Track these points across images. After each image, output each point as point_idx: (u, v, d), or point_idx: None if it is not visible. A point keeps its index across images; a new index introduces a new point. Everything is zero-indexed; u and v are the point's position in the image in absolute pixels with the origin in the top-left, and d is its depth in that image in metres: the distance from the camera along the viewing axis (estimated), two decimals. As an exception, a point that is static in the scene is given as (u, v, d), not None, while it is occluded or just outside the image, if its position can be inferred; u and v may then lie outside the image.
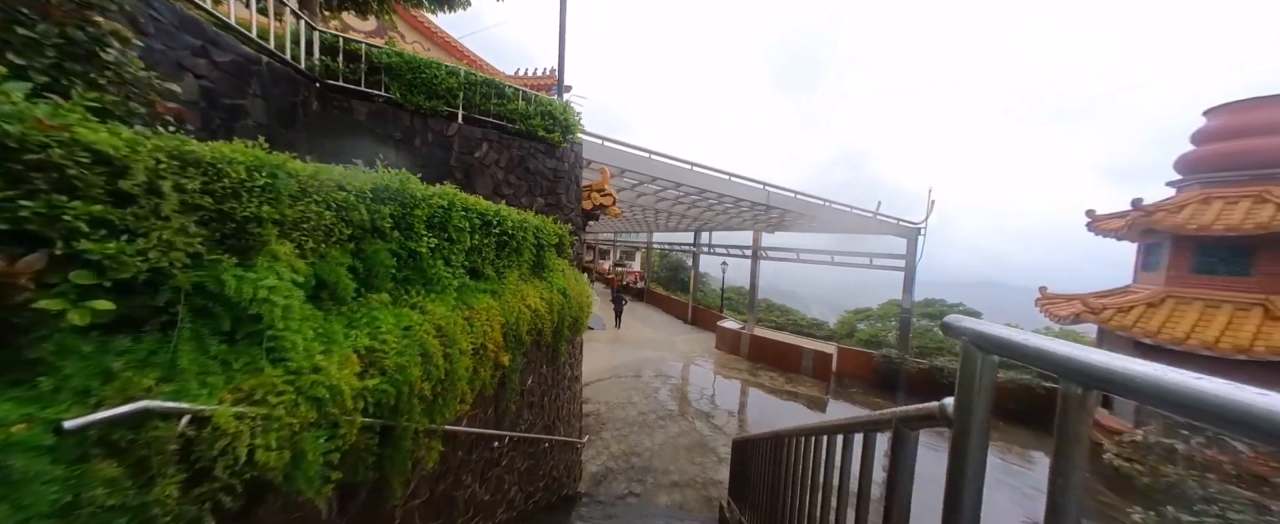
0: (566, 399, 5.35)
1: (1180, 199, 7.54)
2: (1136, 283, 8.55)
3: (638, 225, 24.14)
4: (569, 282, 4.90)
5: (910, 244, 12.02)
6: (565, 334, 4.65)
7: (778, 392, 11.18)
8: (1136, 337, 7.11)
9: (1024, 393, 10.16)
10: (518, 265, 4.02)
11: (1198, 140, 7.77)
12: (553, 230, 4.67)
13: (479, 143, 4.57)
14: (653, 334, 17.43)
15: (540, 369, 4.41)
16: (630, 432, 8.13)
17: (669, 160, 8.25)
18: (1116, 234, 8.72)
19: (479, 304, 3.03)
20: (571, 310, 4.70)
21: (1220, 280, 7.07)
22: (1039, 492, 7.33)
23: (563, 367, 5.11)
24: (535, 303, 3.90)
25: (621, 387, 10.67)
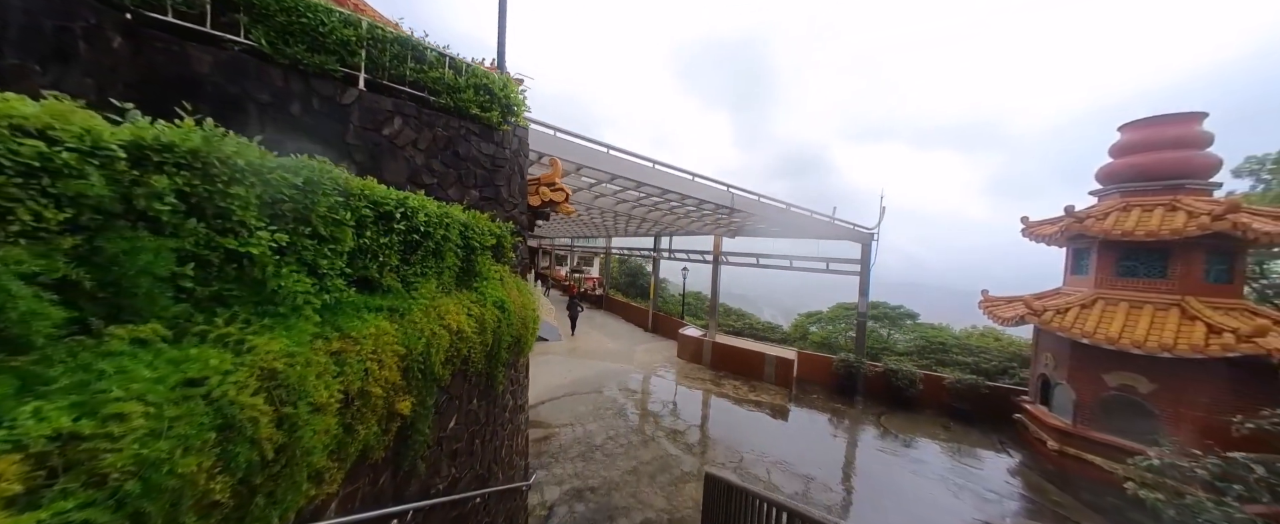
0: (508, 435, 4.40)
1: (1103, 206, 8.10)
2: (1066, 286, 9.12)
3: (596, 230, 23.27)
4: (510, 292, 4.00)
5: (865, 248, 12.27)
6: (503, 358, 3.74)
7: (743, 401, 10.79)
8: (1075, 336, 7.44)
9: (969, 392, 10.55)
10: (436, 273, 3.09)
11: (1114, 153, 8.44)
12: (488, 229, 3.76)
13: (389, 117, 3.57)
14: (612, 344, 16.58)
15: (468, 405, 3.46)
16: (588, 459, 7.23)
17: (629, 157, 7.57)
18: (1047, 239, 9.28)
19: (362, 330, 2.09)
20: (511, 328, 3.80)
21: (1141, 282, 7.62)
22: (996, 493, 7.48)
23: (502, 397, 4.17)
24: (459, 322, 2.98)
25: (578, 405, 9.72)
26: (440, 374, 2.71)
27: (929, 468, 7.84)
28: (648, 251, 21.21)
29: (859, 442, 8.98)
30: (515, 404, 4.62)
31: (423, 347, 2.49)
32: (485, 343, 3.37)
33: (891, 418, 10.39)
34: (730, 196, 9.08)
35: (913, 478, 7.46)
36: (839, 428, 9.65)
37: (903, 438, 9.25)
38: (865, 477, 7.43)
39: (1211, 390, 6.73)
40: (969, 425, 10.14)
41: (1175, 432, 6.95)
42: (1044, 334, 8.95)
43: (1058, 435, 8.07)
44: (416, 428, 2.55)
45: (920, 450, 8.64)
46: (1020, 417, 9.36)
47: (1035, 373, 9.23)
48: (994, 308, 9.80)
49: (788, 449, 8.17)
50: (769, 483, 6.84)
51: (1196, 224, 6.72)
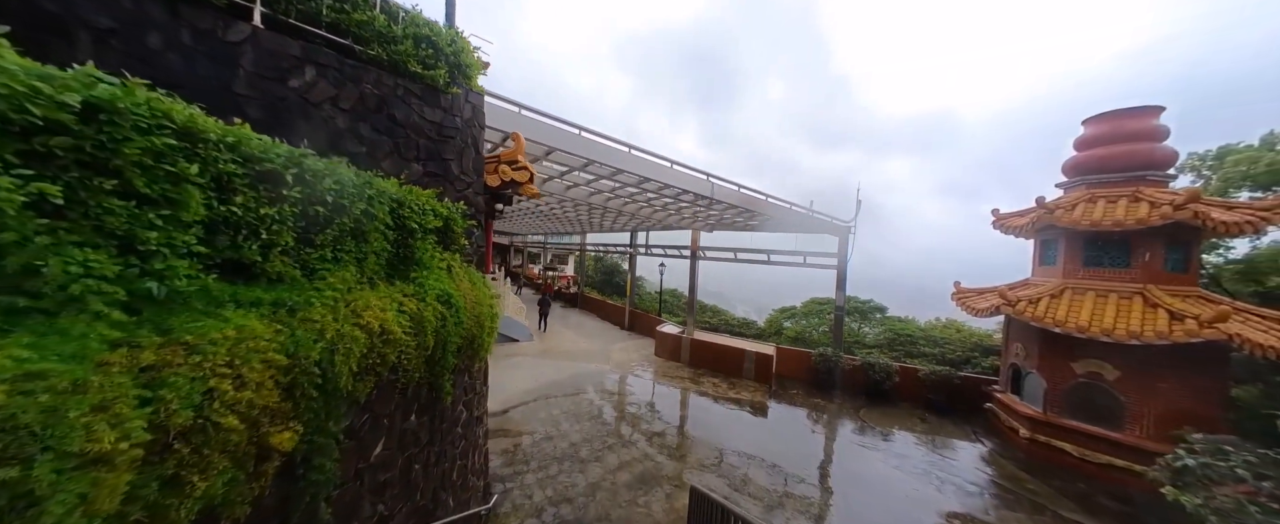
0: (461, 453, 3.75)
1: (1071, 198, 8.26)
2: (1035, 276, 9.31)
3: (569, 225, 22.48)
4: (460, 286, 3.35)
5: (842, 242, 12.23)
6: (449, 363, 3.10)
7: (722, 399, 10.46)
8: (1047, 326, 7.51)
9: (943, 383, 10.67)
10: (356, 259, 2.43)
11: (1079, 146, 8.64)
12: (431, 209, 3.11)
13: (297, 66, 2.84)
14: (587, 343, 15.93)
15: (402, 424, 2.81)
16: (561, 468, 6.62)
17: (604, 140, 6.99)
18: (1017, 231, 9.43)
19: (209, 334, 1.43)
20: (461, 327, 3.16)
21: (1106, 272, 7.80)
22: (976, 485, 7.43)
23: (452, 409, 3.52)
24: (384, 320, 2.34)
25: (550, 409, 9.06)
26: (351, 389, 2.06)
27: (910, 462, 7.74)
28: (624, 248, 20.67)
29: (840, 437, 8.82)
30: (471, 416, 3.97)
31: (320, 353, 1.84)
32: (423, 346, 2.73)
33: (870, 411, 10.35)
34: (710, 186, 8.67)
35: (895, 472, 7.31)
36: (820, 423, 9.48)
37: (882, 431, 9.17)
38: (848, 473, 7.22)
39: (1172, 375, 6.92)
40: (944, 416, 10.24)
41: (1140, 416, 7.13)
42: (1015, 324, 9.09)
43: (1029, 424, 8.17)
44: (312, 464, 1.90)
45: (900, 443, 8.56)
46: (991, 406, 9.50)
47: (1006, 362, 9.39)
48: (967, 299, 9.91)
49: (770, 447, 7.87)
50: (750, 482, 6.48)
51: (1159, 213, 6.88)
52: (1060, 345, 7.82)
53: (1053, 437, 7.81)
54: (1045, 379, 8.06)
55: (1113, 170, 7.94)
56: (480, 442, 4.32)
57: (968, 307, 9.75)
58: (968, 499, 6.65)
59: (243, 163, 1.78)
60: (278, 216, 1.96)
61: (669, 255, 17.57)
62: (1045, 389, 8.04)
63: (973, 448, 8.54)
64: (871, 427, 9.43)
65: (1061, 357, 7.87)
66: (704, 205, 10.86)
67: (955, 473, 7.42)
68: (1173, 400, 6.92)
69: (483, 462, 4.45)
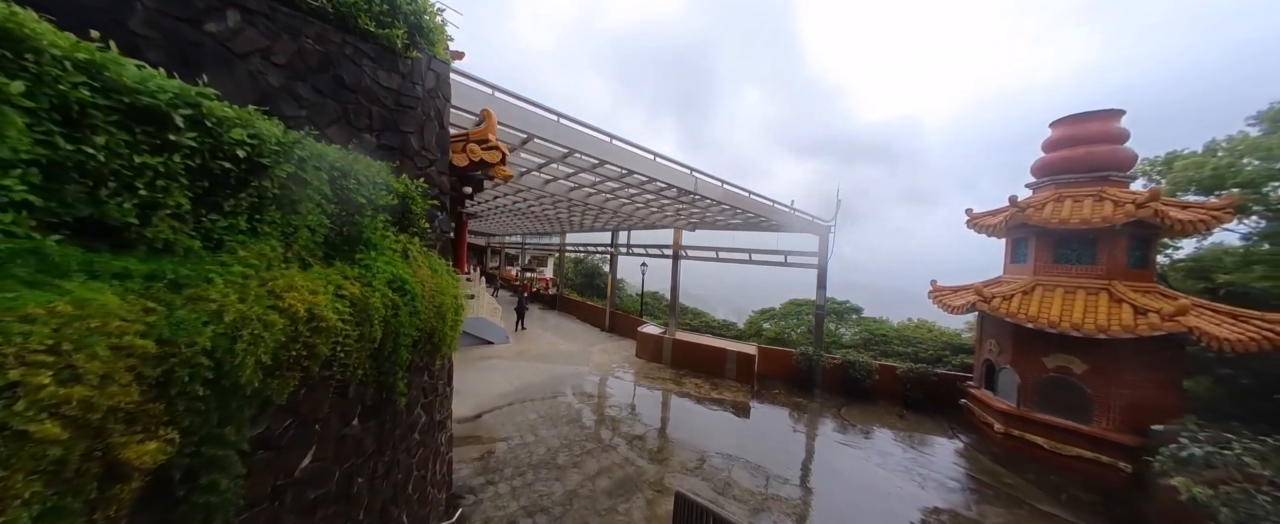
0: (419, 463, 3.32)
1: (1040, 197, 8.51)
2: (1006, 274, 9.54)
3: (548, 224, 21.93)
4: (418, 272, 2.96)
5: (822, 241, 12.30)
6: (402, 359, 2.70)
7: (705, 400, 10.23)
8: (1020, 321, 7.65)
9: (920, 381, 10.81)
10: (283, 233, 2.02)
11: (1047, 147, 8.93)
12: (383, 183, 2.72)
13: (218, 7, 2.40)
14: (566, 345, 15.45)
15: (342, 430, 2.39)
16: (536, 476, 6.19)
17: (584, 128, 6.66)
18: (989, 229, 9.67)
19: (25, 307, 1.03)
20: (417, 318, 2.77)
21: (1074, 269, 8.04)
22: (955, 481, 7.45)
23: (408, 412, 3.10)
24: (313, 304, 1.94)
25: (526, 414, 8.59)
26: (261, 386, 1.66)
27: (892, 459, 7.71)
28: (604, 247, 20.29)
29: (823, 436, 8.73)
30: (432, 421, 3.54)
31: (213, 340, 1.44)
32: (368, 338, 2.33)
33: (850, 409, 10.35)
34: (693, 181, 8.46)
35: (877, 470, 7.24)
36: (802, 423, 9.38)
37: (863, 429, 9.16)
38: (832, 472, 7.09)
39: (1135, 368, 7.15)
40: (921, 413, 10.36)
41: (1106, 408, 7.33)
42: (988, 321, 9.28)
43: (1003, 418, 8.31)
44: (199, 483, 1.49)
45: (881, 441, 8.55)
46: (967, 402, 9.66)
47: (980, 358, 9.57)
48: (943, 297, 10.07)
49: (754, 447, 7.68)
50: (734, 484, 6.25)
51: (1124, 212, 7.12)
52: (1032, 341, 8.00)
53: (1026, 431, 7.95)
54: (1018, 374, 8.22)
55: (1078, 170, 8.22)
56: (443, 449, 3.88)
57: (944, 304, 9.90)
58: (949, 495, 6.62)
59: (105, 93, 1.37)
60: (163, 169, 1.55)
61: (650, 255, 17.33)
62: (1018, 384, 8.19)
63: (950, 444, 8.62)
64: (853, 425, 9.41)
65: (1033, 352, 8.05)
66: (687, 202, 10.67)
67: (935, 469, 7.42)
68: (1136, 392, 7.14)
69: (446, 472, 4.01)
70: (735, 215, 11.63)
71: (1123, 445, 6.97)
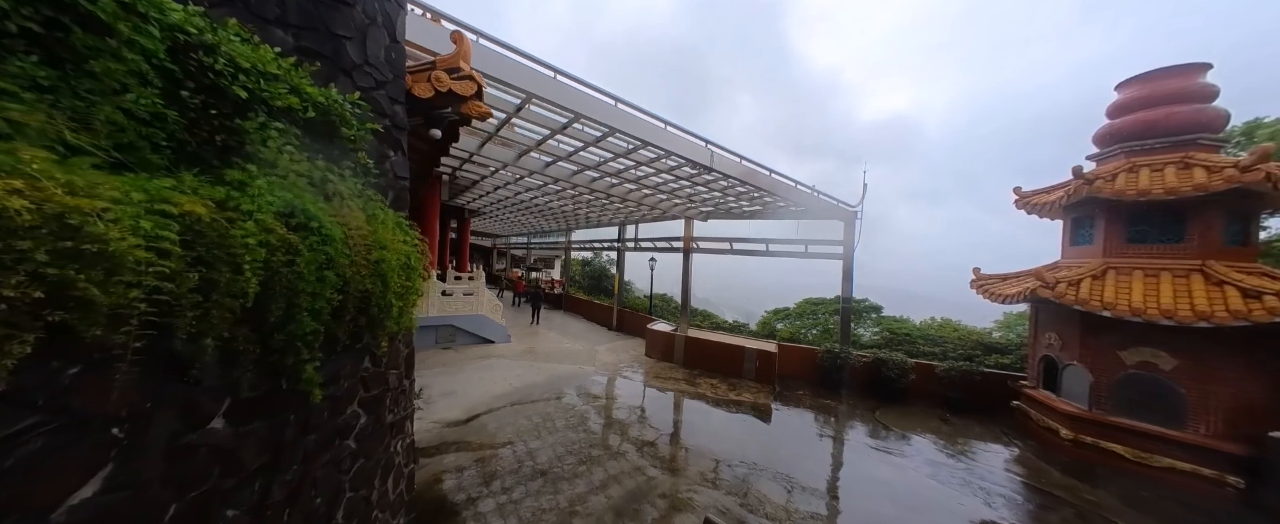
0: (360, 478, 2.44)
1: (1109, 168, 7.41)
2: (1065, 259, 8.42)
3: (554, 221, 21.18)
4: (346, 217, 2.10)
5: (848, 228, 11.26)
6: (305, 331, 1.83)
7: (722, 402, 9.25)
8: (1093, 309, 6.56)
9: (963, 380, 9.69)
10: (61, 102, 1.13)
11: (1114, 112, 7.84)
12: (284, 77, 1.87)
13: None
14: (572, 344, 14.58)
15: (189, 434, 1.51)
16: (531, 489, 5.29)
17: (587, 89, 5.81)
18: (1042, 209, 8.57)
19: None
20: (332, 273, 1.90)
21: (1155, 248, 6.92)
22: (1027, 497, 6.22)
23: (335, 413, 2.23)
24: (69, 211, 1.06)
25: (524, 417, 7.71)
26: None
27: (944, 469, 6.64)
28: (611, 242, 19.45)
29: (857, 441, 7.68)
30: (377, 424, 2.66)
31: None
32: (231, 291, 1.46)
33: (886, 412, 9.27)
34: (709, 154, 7.55)
35: (929, 482, 6.19)
36: (832, 427, 8.34)
37: (902, 434, 8.08)
38: (877, 485, 6.05)
39: (1239, 364, 6.01)
40: (965, 416, 9.24)
41: (1204, 412, 6.19)
42: (1047, 312, 8.17)
43: (1071, 423, 7.18)
44: None
45: (925, 448, 7.47)
46: (1020, 404, 8.53)
47: (1036, 355, 8.44)
48: (989, 286, 8.98)
49: (781, 456, 6.68)
50: (766, 501, 5.26)
51: (1222, 178, 6.02)
52: (1106, 332, 6.89)
53: (1101, 437, 6.82)
54: (1090, 372, 7.10)
55: (1157, 135, 7.12)
56: (400, 461, 3.00)
57: (991, 293, 8.81)
58: (1023, 513, 5.56)
59: None
60: None
61: (659, 248, 16.41)
62: (1090, 383, 7.07)
63: (1007, 452, 7.50)
64: (890, 429, 8.34)
65: (1108, 345, 6.93)
66: (702, 186, 9.76)
67: (997, 481, 6.34)
68: (1241, 392, 6.00)
69: (405, 489, 3.13)
70: (753, 199, 10.67)
71: (1229, 456, 5.83)
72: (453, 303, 13.16)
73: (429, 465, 5.68)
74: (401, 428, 2.98)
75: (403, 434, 3.02)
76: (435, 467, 5.66)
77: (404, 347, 2.98)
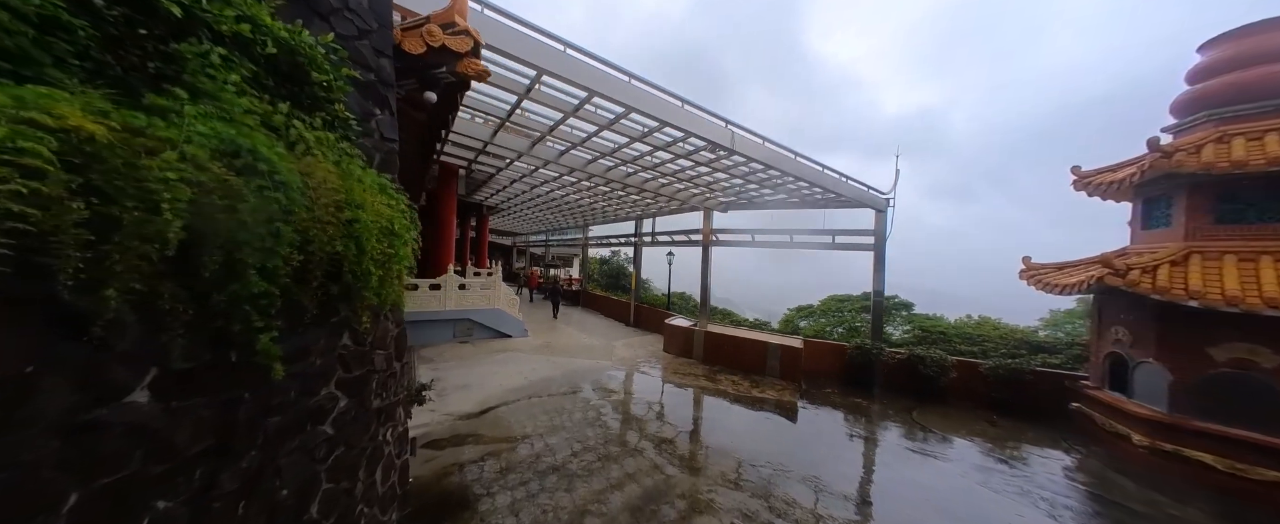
0: (340, 468, 2.19)
1: (1193, 139, 6.50)
2: (1135, 245, 7.51)
3: (571, 217, 21.06)
4: (312, 168, 1.82)
5: (879, 217, 10.53)
6: (252, 292, 1.55)
7: (743, 399, 8.76)
8: (1177, 299, 5.74)
9: (1011, 379, 8.85)
10: None
11: (1197, 77, 6.90)
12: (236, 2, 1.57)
13: None
14: (589, 339, 14.36)
15: (95, 410, 1.24)
16: (543, 484, 5.01)
17: (599, 64, 5.48)
18: (1106, 190, 7.68)
19: None
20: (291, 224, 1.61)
21: (1253, 229, 6.01)
22: (1098, 511, 5.38)
23: (306, 393, 1.96)
24: None
25: (538, 411, 7.48)
26: None
27: (996, 477, 5.97)
28: (628, 237, 19.13)
29: (894, 444, 7.06)
30: (362, 409, 2.40)
31: None
32: (147, 232, 1.18)
33: (924, 413, 8.56)
34: (730, 135, 7.09)
35: (981, 490, 5.56)
36: (865, 427, 7.73)
37: (943, 437, 7.40)
38: (917, 491, 5.47)
39: (1363, 362, 5.10)
40: (1014, 418, 8.42)
41: (1317, 418, 5.29)
42: (1113, 303, 7.30)
43: (1147, 428, 6.35)
44: None
45: (970, 452, 6.79)
46: (1080, 406, 7.67)
47: (1100, 352, 7.56)
48: (1043, 276, 8.13)
49: (808, 456, 6.17)
50: (795, 505, 4.80)
51: (1342, 143, 5.11)
52: (1190, 325, 6.03)
53: (1184, 444, 5.98)
54: (1169, 371, 6.25)
55: (1252, 99, 6.18)
56: (390, 451, 2.75)
57: (1044, 284, 7.98)
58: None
59: None
60: None
61: (677, 242, 15.97)
62: (1170, 383, 6.22)
63: (1068, 458, 6.73)
64: (930, 431, 7.66)
65: (1192, 340, 6.07)
66: (723, 173, 9.28)
67: (1060, 491, 5.63)
68: (1365, 396, 5.09)
69: (398, 482, 2.87)
70: (776, 186, 10.11)
71: (1352, 470, 4.95)
72: (470, 297, 13.14)
73: (439, 458, 5.50)
74: (392, 414, 2.72)
75: (394, 422, 2.77)
76: (446, 459, 5.47)
77: (393, 325, 2.72)
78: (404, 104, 3.67)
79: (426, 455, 5.53)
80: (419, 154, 4.35)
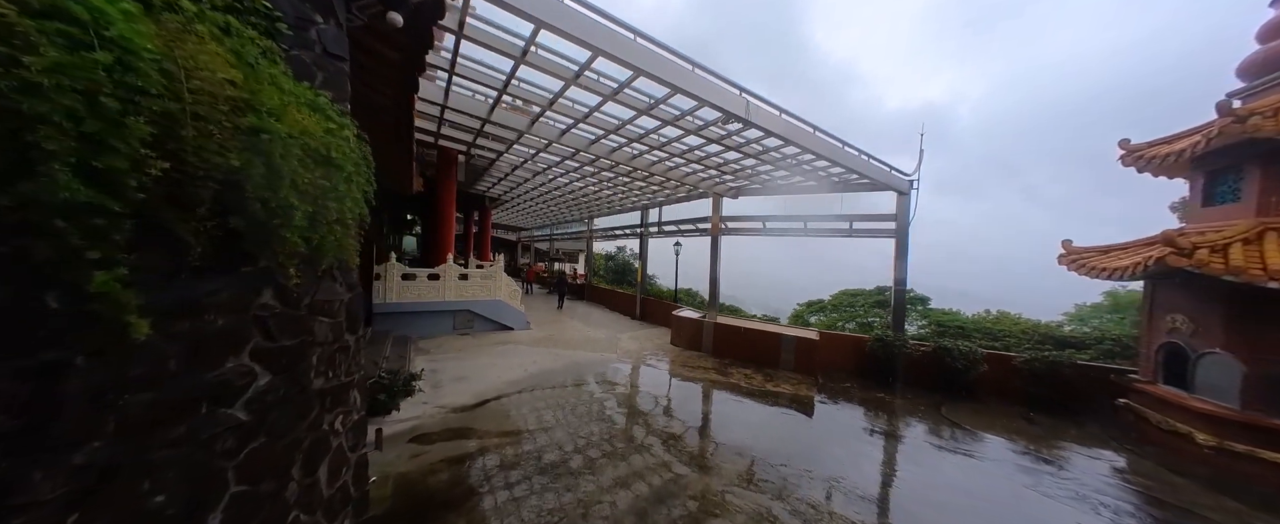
0: (262, 460, 1.66)
1: (1269, 102, 5.77)
2: (1195, 223, 6.79)
3: (575, 209, 20.56)
4: (198, 50, 1.26)
5: (901, 200, 9.85)
6: (59, 191, 1.00)
7: (757, 393, 8.19)
8: (1255, 280, 5.06)
9: (1048, 373, 8.17)
10: None
11: (1268, 36, 6.16)
12: None
13: None
14: (592, 332, 13.86)
15: None
16: (537, 484, 4.51)
17: (604, 20, 4.92)
18: (1160, 164, 6.97)
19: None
20: (170, 124, 1.05)
21: (1342, 200, 5.30)
22: (1154, 517, 4.81)
23: (198, 365, 1.43)
24: None
25: (537, 405, 6.99)
26: None
27: (1046, 479, 5.35)
28: (633, 227, 18.59)
29: (924, 443, 6.45)
30: (298, 388, 1.88)
31: None
32: None
33: (954, 409, 7.93)
34: (744, 104, 6.49)
35: (1030, 494, 4.95)
36: (892, 424, 7.12)
37: (978, 435, 6.77)
38: (969, 500, 4.87)
39: None
40: (1053, 415, 7.77)
41: None
42: (1166, 289, 6.61)
43: (1214, 426, 5.68)
44: None
45: (1010, 452, 6.16)
46: (1129, 402, 6.99)
47: (1153, 343, 6.87)
48: (1088, 260, 7.45)
49: (830, 455, 5.60)
50: (828, 515, 4.23)
51: None
52: (1266, 311, 5.35)
53: (1259, 445, 5.31)
54: (1242, 362, 5.56)
55: (1341, 54, 5.45)
56: (339, 442, 2.23)
57: (1089, 268, 7.30)
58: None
59: None
60: None
61: (684, 232, 15.39)
62: (1243, 376, 5.54)
63: (1119, 460, 6.08)
64: (964, 429, 7.03)
65: (1271, 327, 5.39)
66: (735, 151, 8.69)
67: (1120, 496, 5.00)
68: None
69: (352, 482, 2.36)
70: (792, 165, 9.48)
71: None
72: (470, 287, 12.71)
73: (428, 453, 5.02)
74: (343, 398, 2.21)
75: (346, 407, 2.26)
76: (435, 455, 4.99)
77: (344, 288, 2.21)
78: (373, 38, 3.15)
79: (413, 450, 5.06)
80: (398, 105, 3.83)
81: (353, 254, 2.09)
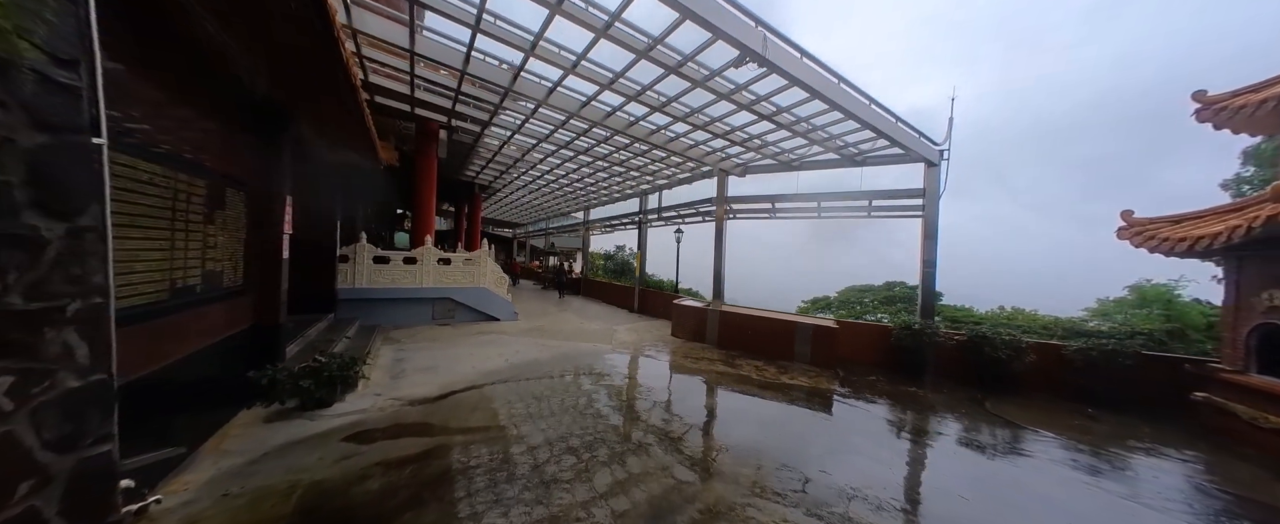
0: None
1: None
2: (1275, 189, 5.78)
3: (570, 199, 19.51)
4: None
5: (930, 173, 8.84)
6: None
7: (771, 388, 7.13)
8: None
9: (1104, 364, 7.13)
10: None
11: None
12: None
13: None
14: (587, 323, 12.79)
15: None
16: (502, 493, 3.43)
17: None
18: (1239, 120, 5.98)
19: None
20: None
21: None
22: None
23: None
24: None
25: (515, 398, 5.91)
26: None
27: (1144, 487, 4.30)
28: (632, 217, 17.55)
29: (977, 443, 5.38)
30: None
31: None
32: None
33: (999, 405, 6.88)
34: (762, 39, 5.45)
35: (1127, 505, 3.90)
36: (931, 422, 6.06)
37: (1035, 432, 5.72)
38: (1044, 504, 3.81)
39: None
40: (1112, 411, 6.73)
41: None
42: (1256, 264, 5.61)
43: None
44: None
45: (1080, 454, 5.11)
46: (1207, 395, 5.96)
47: (1244, 326, 5.85)
48: (1156, 231, 6.44)
49: (864, 459, 4.54)
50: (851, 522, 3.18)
51: None
52: None
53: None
54: (1377, 341, 4.54)
55: None
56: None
57: (1159, 240, 6.29)
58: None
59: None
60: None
61: (686, 218, 14.37)
62: (1378, 359, 4.51)
63: (1212, 460, 5.03)
64: (1018, 427, 5.98)
65: None
66: (747, 112, 7.67)
67: (1239, 510, 3.95)
68: None
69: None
70: (809, 132, 8.46)
71: None
72: (452, 273, 11.63)
73: (361, 455, 3.94)
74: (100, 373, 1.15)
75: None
76: (371, 457, 3.91)
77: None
78: None
79: (344, 451, 3.98)
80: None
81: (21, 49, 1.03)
